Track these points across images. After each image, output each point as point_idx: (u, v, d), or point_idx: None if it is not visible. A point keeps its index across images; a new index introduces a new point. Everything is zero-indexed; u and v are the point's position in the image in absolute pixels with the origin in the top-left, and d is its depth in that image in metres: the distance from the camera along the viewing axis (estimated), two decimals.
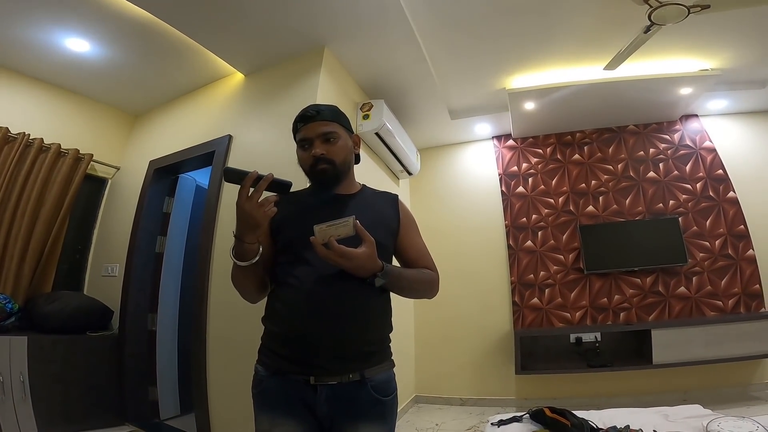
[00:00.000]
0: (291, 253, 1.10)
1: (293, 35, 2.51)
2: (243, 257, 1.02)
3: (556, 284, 3.64)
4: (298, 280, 1.06)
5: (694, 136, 3.74)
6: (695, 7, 2.13)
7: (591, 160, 3.86)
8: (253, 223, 0.98)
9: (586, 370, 3.18)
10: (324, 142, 1.14)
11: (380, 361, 1.09)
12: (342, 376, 1.01)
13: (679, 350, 3.00)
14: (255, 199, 0.97)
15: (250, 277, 1.08)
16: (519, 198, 3.91)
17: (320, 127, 1.14)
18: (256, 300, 1.17)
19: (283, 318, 1.06)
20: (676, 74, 3.14)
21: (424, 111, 3.55)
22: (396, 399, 1.12)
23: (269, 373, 1.06)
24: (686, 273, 3.43)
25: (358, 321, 1.04)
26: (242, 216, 0.98)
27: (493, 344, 3.68)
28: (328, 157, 1.13)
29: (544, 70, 3.16)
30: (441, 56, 2.93)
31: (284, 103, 2.62)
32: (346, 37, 2.57)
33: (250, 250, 1.02)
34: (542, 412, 1.77)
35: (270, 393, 1.05)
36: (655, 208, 3.62)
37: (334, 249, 0.95)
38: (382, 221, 1.17)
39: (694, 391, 3.15)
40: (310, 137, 1.14)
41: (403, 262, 1.24)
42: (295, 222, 1.12)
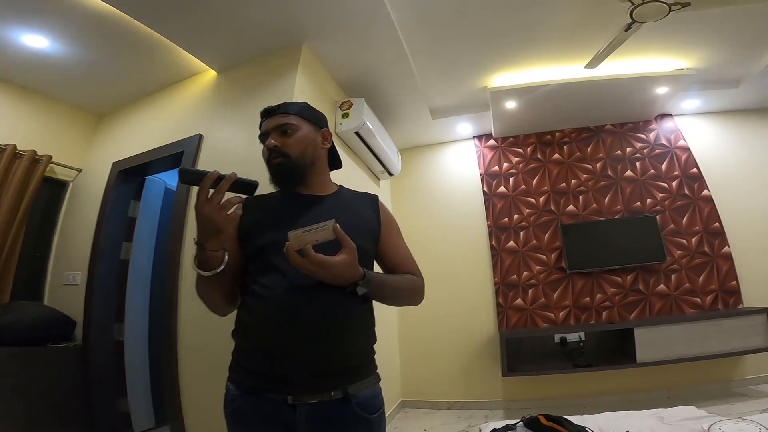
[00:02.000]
0: (261, 261, 0.99)
1: (269, 31, 2.38)
2: (206, 266, 0.92)
3: (539, 284, 3.60)
4: (269, 290, 0.95)
5: (669, 135, 3.78)
6: (676, 4, 2.13)
7: (571, 159, 3.85)
8: (214, 228, 0.88)
9: (572, 370, 3.13)
10: (280, 134, 1.08)
11: (364, 375, 1.00)
12: (323, 394, 0.92)
13: (662, 348, 2.99)
14: (215, 201, 0.87)
15: (216, 288, 0.98)
16: (501, 198, 3.86)
17: (278, 119, 1.09)
18: (225, 313, 1.06)
19: (254, 332, 0.96)
20: (653, 73, 3.16)
21: (405, 110, 3.46)
22: (383, 415, 1.02)
23: (242, 391, 0.95)
24: (665, 271, 3.45)
25: (337, 333, 0.94)
26: (202, 221, 0.88)
27: (479, 346, 3.60)
28: (282, 150, 1.06)
29: (526, 69, 3.12)
30: (422, 54, 2.84)
31: (258, 101, 2.46)
32: (326, 34, 2.45)
33: (214, 258, 0.92)
34: (537, 420, 1.67)
35: (244, 413, 0.95)
36: (633, 207, 3.63)
37: (311, 258, 0.85)
38: (361, 224, 1.08)
39: (677, 389, 3.15)
40: (267, 130, 1.10)
41: (385, 267, 1.15)
42: (265, 226, 1.02)
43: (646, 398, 3.08)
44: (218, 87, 2.72)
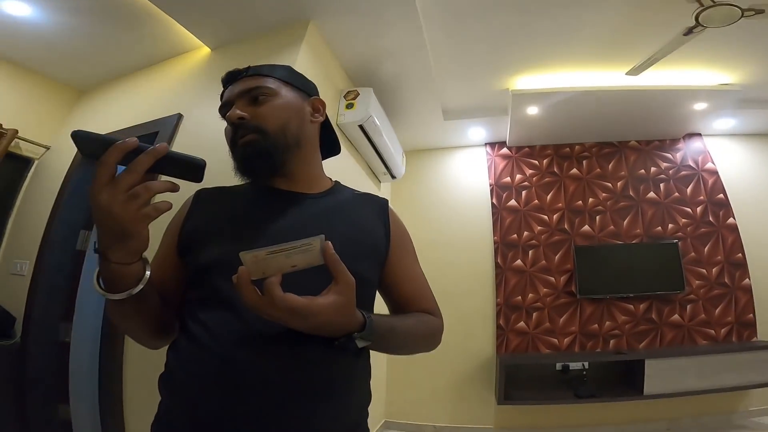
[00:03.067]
0: (204, 287, 0.68)
1: (276, 4, 2.09)
2: (115, 286, 0.59)
3: (545, 308, 3.36)
4: (211, 334, 0.64)
5: (697, 156, 3.58)
6: (750, 10, 1.92)
7: (589, 175, 3.62)
8: (119, 229, 0.55)
9: (572, 401, 2.93)
10: (250, 102, 0.77)
11: None
12: None
13: (672, 381, 2.85)
14: (121, 188, 0.54)
15: (132, 317, 0.66)
16: (510, 212, 3.60)
17: (246, 83, 0.79)
18: (155, 346, 0.76)
19: (185, 393, 0.64)
20: (693, 86, 2.93)
21: (415, 107, 3.17)
22: None
23: None
24: (681, 301, 3.25)
25: (314, 410, 0.63)
26: (100, 216, 0.54)
27: (473, 369, 3.36)
28: (254, 123, 0.75)
29: (553, 72, 2.87)
30: (443, 46, 2.57)
31: None
32: (338, 11, 2.17)
33: (125, 274, 0.59)
34: None
35: None
36: (653, 232, 3.41)
37: (277, 300, 0.53)
38: (361, 242, 0.76)
39: (678, 420, 3.01)
40: (230, 100, 0.79)
41: (391, 300, 0.85)
42: (215, 235, 0.71)
43: (644, 429, 2.96)
44: (209, 65, 2.43)
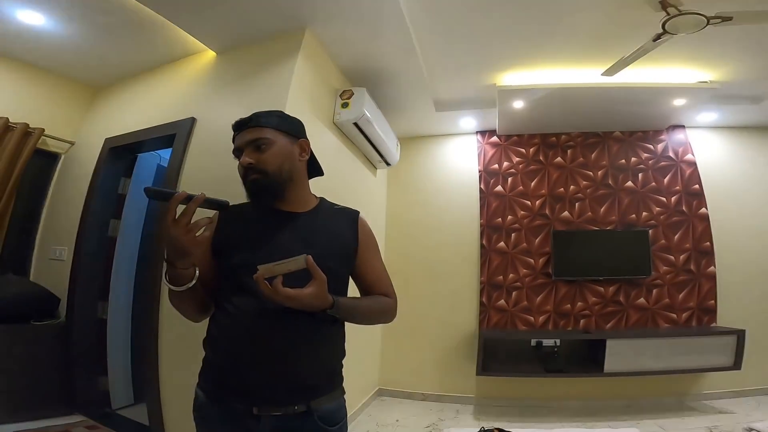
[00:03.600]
0: (233, 280, 1.02)
1: (272, 13, 2.28)
2: (177, 282, 0.94)
3: (523, 287, 3.69)
4: (239, 310, 0.99)
5: (678, 147, 3.76)
6: (716, 18, 2.04)
7: (573, 164, 3.84)
8: (182, 250, 0.89)
9: (543, 374, 3.29)
10: (254, 150, 1.06)
11: (329, 391, 1.06)
12: (287, 408, 0.97)
13: (630, 361, 3.14)
14: (183, 224, 0.87)
15: (187, 301, 1.01)
16: (497, 197, 3.87)
17: (251, 133, 1.07)
18: (198, 320, 1.10)
19: (223, 348, 1.02)
20: (672, 84, 3.07)
21: (408, 101, 3.38)
22: (345, 426, 1.09)
23: (210, 399, 1.01)
24: (647, 285, 3.55)
25: (304, 356, 0.99)
26: (169, 242, 0.89)
27: (458, 342, 3.74)
28: (258, 167, 1.04)
29: (538, 69, 3.03)
30: (431, 46, 2.75)
31: (256, 86, 2.42)
32: (331, 20, 2.36)
33: (184, 275, 0.94)
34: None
35: (211, 420, 1.01)
36: (627, 219, 3.67)
37: (279, 291, 0.88)
38: (337, 245, 1.10)
39: (636, 399, 3.35)
40: (240, 146, 1.08)
41: (360, 285, 1.20)
42: (238, 245, 1.04)
43: (605, 406, 3.30)
44: (216, 69, 2.65)
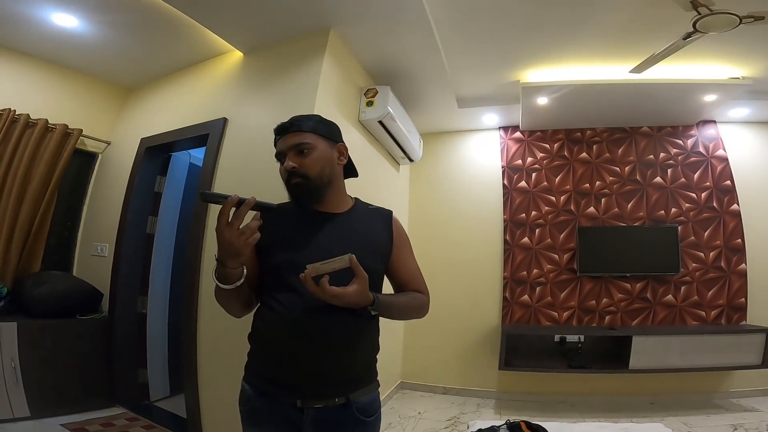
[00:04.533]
0: (277, 278, 1.07)
1: (297, 14, 2.37)
2: (226, 280, 1.00)
3: (547, 283, 3.73)
4: (284, 307, 1.05)
5: (708, 143, 3.70)
6: (748, 18, 2.03)
7: (598, 159, 3.82)
8: (234, 252, 0.95)
9: (565, 370, 3.33)
10: (297, 154, 1.10)
11: (366, 384, 1.12)
12: (328, 400, 1.04)
13: (656, 357, 3.14)
14: (235, 226, 0.93)
15: (233, 298, 1.07)
16: (520, 193, 3.90)
17: (293, 138, 1.10)
18: (240, 316, 1.17)
19: (269, 343, 1.08)
20: (703, 80, 3.04)
21: (431, 98, 3.44)
22: (379, 417, 1.16)
23: (256, 392, 1.09)
24: (676, 282, 3.53)
25: (345, 350, 1.06)
26: (222, 244, 0.94)
27: (480, 337, 3.81)
28: (301, 171, 1.09)
29: (563, 66, 3.05)
30: (454, 44, 2.80)
31: (284, 86, 2.51)
32: (354, 20, 2.43)
33: (234, 274, 0.99)
34: (519, 426, 1.88)
35: (257, 412, 1.08)
36: (656, 215, 3.65)
37: (325, 290, 0.93)
38: (374, 244, 1.16)
39: (662, 396, 3.35)
40: (283, 150, 1.11)
41: (394, 282, 1.25)
42: (281, 245, 1.09)
43: (628, 402, 3.31)
44: (244, 69, 2.76)
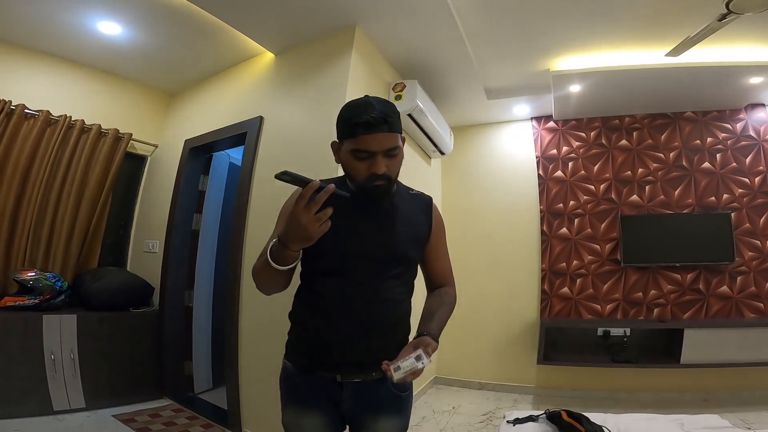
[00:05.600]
0: (323, 261, 1.11)
1: (322, 14, 2.46)
2: (282, 262, 0.98)
3: (589, 274, 3.62)
4: (328, 289, 1.10)
5: (759, 126, 3.48)
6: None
7: (640, 146, 3.68)
8: (306, 237, 0.92)
9: (609, 364, 3.21)
10: (385, 157, 1.03)
11: None
12: (366, 375, 1.11)
13: (710, 351, 2.99)
14: (313, 212, 0.90)
15: (280, 280, 1.07)
16: (557, 183, 3.82)
17: (387, 141, 1.02)
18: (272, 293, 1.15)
19: (312, 323, 1.14)
20: (746, 63, 2.89)
21: (459, 91, 3.45)
22: (412, 393, 1.23)
23: (297, 369, 1.16)
24: (731, 272, 3.33)
25: (385, 332, 1.12)
26: (296, 227, 0.91)
27: (517, 331, 3.75)
28: (388, 174, 1.04)
29: (594, 53, 2.97)
30: (480, 35, 2.80)
31: (315, 84, 2.62)
32: (378, 16, 2.49)
33: (292, 257, 0.98)
34: (559, 415, 1.83)
35: (298, 388, 1.16)
36: (706, 202, 3.47)
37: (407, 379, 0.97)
38: (415, 232, 1.18)
39: (716, 392, 3.18)
40: (373, 150, 1.01)
41: (425, 270, 1.28)
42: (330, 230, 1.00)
43: (679, 398, 3.15)
44: (276, 69, 2.89)
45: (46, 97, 2.94)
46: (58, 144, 2.92)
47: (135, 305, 3.02)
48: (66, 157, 2.97)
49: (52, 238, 2.94)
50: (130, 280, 3.09)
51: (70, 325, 2.63)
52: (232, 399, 2.59)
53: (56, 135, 2.90)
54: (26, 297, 2.57)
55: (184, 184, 3.20)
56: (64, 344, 2.59)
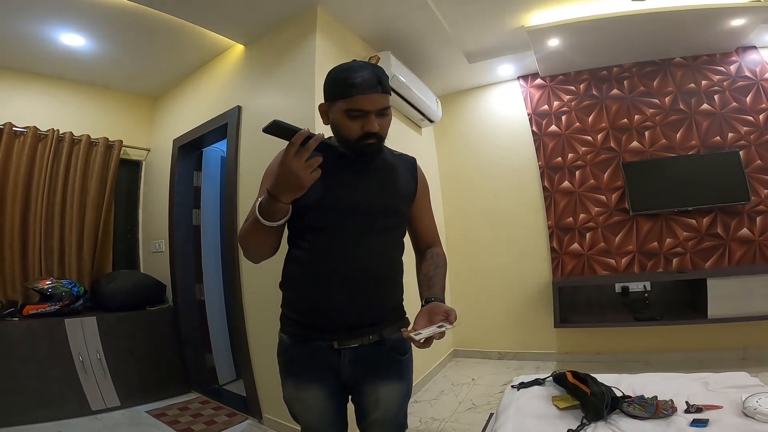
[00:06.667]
0: (310, 218, 1.02)
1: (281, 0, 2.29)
2: (272, 217, 0.93)
3: (598, 227, 3.28)
4: (317, 249, 1.03)
5: (754, 67, 3.07)
6: None
7: (632, 94, 3.30)
8: (297, 184, 0.88)
9: (632, 323, 2.87)
10: (378, 116, 0.99)
11: (397, 320, 1.10)
12: (363, 338, 1.04)
13: (739, 303, 2.59)
14: (304, 158, 0.86)
15: (270, 239, 1.00)
16: (552, 137, 3.48)
17: (380, 101, 0.98)
18: (260, 261, 1.08)
19: (303, 287, 1.05)
20: (722, 5, 2.56)
21: (438, 57, 3.17)
22: (411, 357, 1.15)
23: (294, 341, 1.07)
24: (749, 212, 2.93)
25: (377, 291, 1.05)
26: (287, 175, 0.87)
27: (532, 295, 3.45)
28: (380, 133, 1.01)
29: (566, 4, 2.66)
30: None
31: (285, 69, 2.47)
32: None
33: (283, 209, 0.93)
34: (564, 376, 1.61)
35: (296, 359, 1.08)
36: (711, 142, 3.07)
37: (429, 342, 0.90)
38: (403, 189, 1.12)
39: (753, 349, 2.78)
40: (367, 110, 0.97)
41: (411, 229, 1.20)
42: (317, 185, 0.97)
43: (716, 358, 2.76)
44: (247, 59, 2.76)
45: (30, 114, 2.85)
46: (52, 157, 2.85)
47: (151, 303, 2.99)
48: (62, 170, 2.91)
49: (63, 248, 2.91)
50: (143, 280, 3.04)
51: (91, 327, 2.62)
52: (249, 386, 2.51)
53: (48, 149, 2.84)
54: (47, 304, 2.56)
55: (179, 182, 3.11)
56: (89, 345, 2.58)
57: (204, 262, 3.17)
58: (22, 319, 2.46)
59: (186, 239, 3.12)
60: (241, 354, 2.52)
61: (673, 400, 1.29)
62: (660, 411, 1.24)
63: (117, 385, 2.61)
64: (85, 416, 2.47)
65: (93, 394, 2.52)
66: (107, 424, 2.43)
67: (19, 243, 2.70)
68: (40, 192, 2.79)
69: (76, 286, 2.71)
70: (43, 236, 2.79)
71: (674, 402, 1.28)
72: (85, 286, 2.85)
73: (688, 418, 1.21)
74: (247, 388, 2.51)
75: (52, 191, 2.85)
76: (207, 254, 3.19)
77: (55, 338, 2.47)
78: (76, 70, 3.01)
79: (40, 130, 2.82)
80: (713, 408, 1.25)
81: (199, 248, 3.17)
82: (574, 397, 1.47)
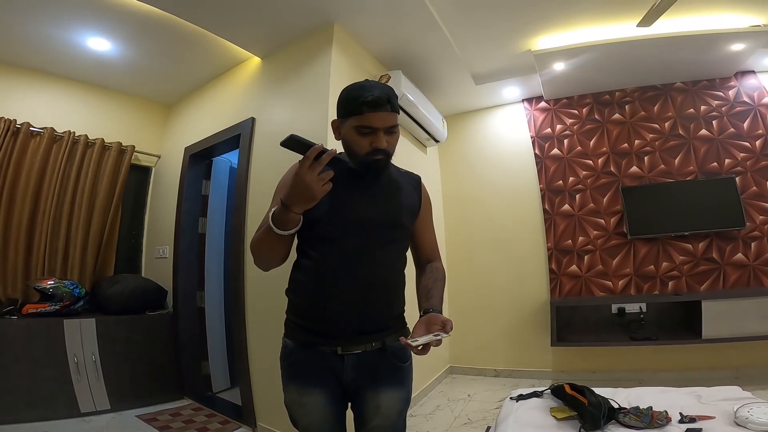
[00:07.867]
0: (320, 229, 1.08)
1: (301, 13, 2.41)
2: (284, 226, 0.99)
3: (596, 250, 3.37)
4: (325, 257, 1.08)
5: (752, 92, 3.22)
6: None
7: (633, 119, 3.44)
8: (310, 196, 0.94)
9: (627, 343, 2.94)
10: (386, 133, 1.06)
11: (398, 329, 1.15)
12: (366, 345, 1.09)
13: (733, 324, 2.69)
14: (317, 171, 0.92)
15: (280, 247, 1.06)
16: (554, 160, 3.60)
17: (389, 119, 1.05)
18: (270, 269, 1.14)
19: (310, 293, 1.10)
20: (723, 30, 2.69)
21: (446, 78, 3.31)
22: (411, 366, 1.19)
23: (298, 345, 1.11)
24: (744, 238, 3.04)
25: (381, 299, 1.10)
26: (301, 187, 0.93)
27: (529, 314, 3.52)
28: (388, 150, 1.07)
29: (572, 29, 2.81)
30: (456, 22, 2.68)
31: (300, 83, 2.57)
32: (355, 11, 2.42)
33: (295, 219, 0.99)
34: (562, 389, 1.66)
35: (299, 364, 1.11)
36: (708, 168, 3.19)
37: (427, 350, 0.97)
38: (407, 205, 1.18)
39: (746, 368, 2.85)
40: (376, 127, 1.03)
41: (413, 244, 1.26)
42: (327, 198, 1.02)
43: (710, 377, 2.80)
44: (264, 72, 2.86)
45: (49, 115, 2.95)
46: (65, 159, 2.94)
47: (150, 308, 3.01)
48: (74, 171, 2.99)
49: (68, 249, 2.95)
50: (144, 284, 3.07)
51: (89, 329, 2.63)
52: (245, 394, 2.52)
53: (62, 151, 2.92)
54: (47, 304, 2.58)
55: (188, 190, 3.18)
56: (86, 347, 2.59)
57: (207, 269, 3.21)
58: (21, 317, 2.48)
59: (190, 246, 3.16)
60: (240, 361, 2.54)
61: (667, 411, 1.36)
62: (655, 421, 1.31)
63: (109, 388, 2.61)
64: (74, 418, 2.47)
65: (83, 396, 2.51)
66: (95, 427, 2.43)
67: (25, 242, 2.75)
68: (51, 192, 2.86)
69: (78, 288, 2.74)
70: (50, 236, 2.84)
71: (668, 413, 1.35)
72: (85, 287, 2.88)
73: (682, 427, 1.27)
74: (244, 395, 2.52)
75: (63, 192, 2.92)
76: (210, 262, 3.24)
77: (52, 338, 2.48)
78: (99, 75, 3.11)
79: (57, 131, 2.91)
80: (706, 418, 1.32)
81: (203, 256, 3.22)
82: (571, 409, 1.52)
